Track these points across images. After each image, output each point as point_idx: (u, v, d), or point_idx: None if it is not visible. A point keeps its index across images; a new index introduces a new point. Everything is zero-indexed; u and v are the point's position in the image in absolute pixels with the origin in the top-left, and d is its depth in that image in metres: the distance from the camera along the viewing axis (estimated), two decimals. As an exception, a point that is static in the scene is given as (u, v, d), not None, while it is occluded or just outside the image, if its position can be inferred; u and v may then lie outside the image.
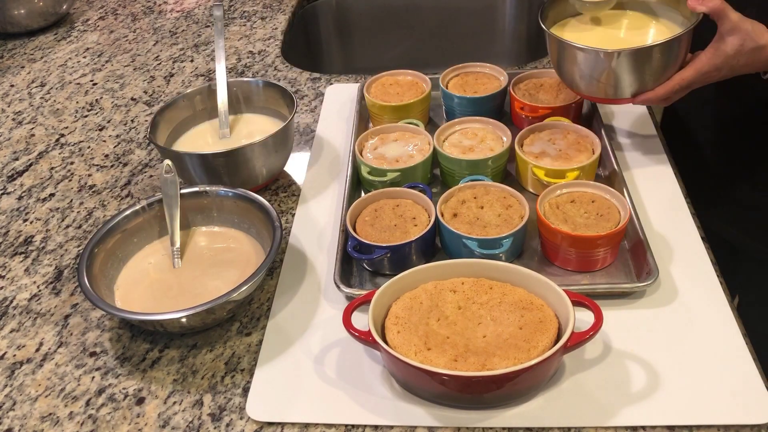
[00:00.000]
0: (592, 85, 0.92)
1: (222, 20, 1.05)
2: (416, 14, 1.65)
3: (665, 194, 0.93)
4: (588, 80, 0.91)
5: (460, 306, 0.73)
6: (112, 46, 1.45)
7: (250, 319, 0.81)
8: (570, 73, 0.93)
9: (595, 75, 0.90)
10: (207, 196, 0.89)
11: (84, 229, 0.97)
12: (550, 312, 0.71)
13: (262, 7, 1.56)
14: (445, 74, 1.11)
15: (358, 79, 1.24)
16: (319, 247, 0.90)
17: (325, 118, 1.14)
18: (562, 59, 0.93)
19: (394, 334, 0.70)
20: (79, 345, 0.80)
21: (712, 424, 0.66)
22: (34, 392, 0.75)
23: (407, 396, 0.71)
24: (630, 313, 0.77)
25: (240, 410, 0.71)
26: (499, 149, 0.94)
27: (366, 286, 0.83)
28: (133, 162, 1.10)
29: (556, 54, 0.95)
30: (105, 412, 0.72)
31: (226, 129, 1.03)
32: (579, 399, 0.69)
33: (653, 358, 0.72)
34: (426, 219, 0.85)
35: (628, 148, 1.02)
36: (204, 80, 1.30)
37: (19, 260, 0.93)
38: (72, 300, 0.86)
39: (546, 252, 0.85)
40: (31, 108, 1.26)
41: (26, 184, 1.07)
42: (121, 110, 1.23)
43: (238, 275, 0.81)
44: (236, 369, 0.75)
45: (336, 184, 1.00)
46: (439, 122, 1.10)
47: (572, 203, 0.85)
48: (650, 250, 0.80)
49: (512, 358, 0.66)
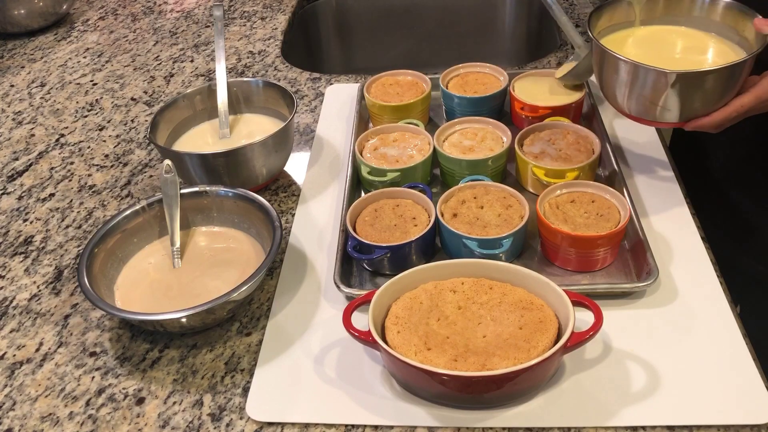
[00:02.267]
0: (643, 107, 0.84)
1: (222, 20, 1.05)
2: (416, 14, 1.65)
3: (665, 194, 0.93)
4: (639, 101, 0.84)
5: (460, 306, 0.73)
6: (112, 46, 1.45)
7: (250, 319, 0.81)
8: (617, 90, 0.85)
9: (650, 97, 0.82)
10: (207, 196, 0.89)
11: (84, 229, 0.97)
12: (550, 312, 0.71)
13: (262, 7, 1.56)
14: (445, 74, 1.11)
15: (358, 79, 1.24)
16: (319, 247, 0.90)
17: (325, 118, 1.14)
18: (609, 74, 0.85)
19: (394, 334, 0.70)
20: (79, 345, 0.80)
21: (712, 424, 0.66)
22: (34, 392, 0.75)
23: (407, 396, 0.71)
24: (630, 313, 0.77)
25: (240, 410, 0.71)
26: (499, 149, 0.94)
27: (366, 286, 0.83)
28: (133, 162, 1.10)
29: (601, 67, 0.87)
30: (105, 412, 0.72)
31: (226, 129, 1.03)
32: (579, 399, 0.69)
33: (653, 358, 0.72)
34: (426, 219, 0.85)
35: (628, 148, 1.02)
36: (204, 80, 1.30)
37: (19, 260, 0.93)
38: (72, 300, 0.86)
39: (546, 252, 0.85)
40: (31, 108, 1.26)
41: (26, 184, 1.07)
42: (121, 110, 1.23)
43: (238, 275, 0.81)
44: (236, 369, 0.75)
45: (336, 184, 1.00)
46: (439, 122, 1.10)
47: (572, 203, 0.85)
48: (650, 250, 0.80)
49: (512, 358, 0.66)
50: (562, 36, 1.32)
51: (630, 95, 0.84)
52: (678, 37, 0.91)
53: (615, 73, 0.84)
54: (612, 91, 0.87)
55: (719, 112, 0.81)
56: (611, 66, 0.84)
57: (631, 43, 0.91)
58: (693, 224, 0.88)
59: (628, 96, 0.85)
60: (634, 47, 0.90)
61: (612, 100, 0.88)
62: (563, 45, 1.29)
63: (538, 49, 1.55)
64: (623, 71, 0.83)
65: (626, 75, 0.83)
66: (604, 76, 0.87)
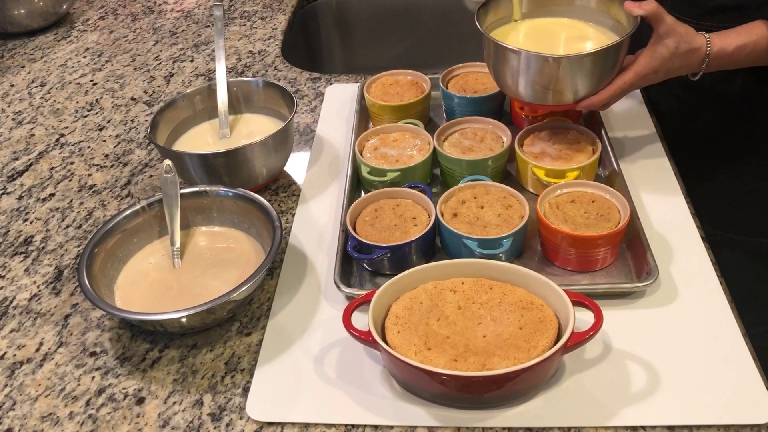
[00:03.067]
0: (536, 92, 0.90)
1: (222, 20, 1.05)
2: (416, 14, 1.65)
3: (665, 194, 0.93)
4: (532, 87, 0.89)
5: (460, 306, 0.73)
6: (112, 46, 1.46)
7: (250, 319, 0.81)
8: (511, 79, 0.91)
9: (541, 81, 0.88)
10: (207, 196, 0.89)
11: (84, 229, 0.97)
12: (550, 312, 0.71)
13: (262, 7, 1.56)
14: (445, 74, 1.11)
15: (358, 79, 1.24)
16: (319, 247, 0.90)
17: (325, 118, 1.14)
18: (503, 65, 0.91)
19: (394, 334, 0.70)
20: (79, 345, 0.80)
21: (712, 424, 0.66)
22: (34, 392, 0.75)
23: (407, 396, 0.71)
24: (630, 313, 0.77)
25: (240, 410, 0.71)
26: (499, 149, 0.94)
27: (366, 286, 0.83)
28: (133, 162, 1.10)
29: (495, 59, 0.92)
30: (105, 412, 0.72)
31: (226, 129, 1.03)
32: (579, 399, 0.69)
33: (653, 358, 0.72)
34: (426, 219, 0.85)
35: (628, 148, 1.01)
36: (204, 80, 1.30)
37: (19, 260, 0.93)
38: (72, 300, 0.86)
39: (546, 252, 0.85)
40: (31, 108, 1.26)
41: (26, 184, 1.07)
42: (121, 110, 1.23)
43: (238, 275, 0.81)
44: (236, 369, 0.75)
45: (336, 184, 1.00)
46: (439, 122, 1.10)
47: (572, 203, 0.85)
48: (650, 250, 0.80)
49: (512, 358, 0.66)
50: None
51: (524, 83, 0.90)
52: (560, 27, 0.98)
53: (508, 64, 0.90)
54: (506, 81, 0.93)
55: (605, 91, 0.88)
56: (504, 57, 0.90)
57: (517, 36, 0.97)
58: (693, 224, 0.88)
59: (522, 84, 0.90)
60: (521, 39, 0.97)
61: (507, 89, 0.94)
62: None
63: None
64: (515, 61, 0.89)
65: (518, 64, 0.88)
66: (499, 67, 0.92)
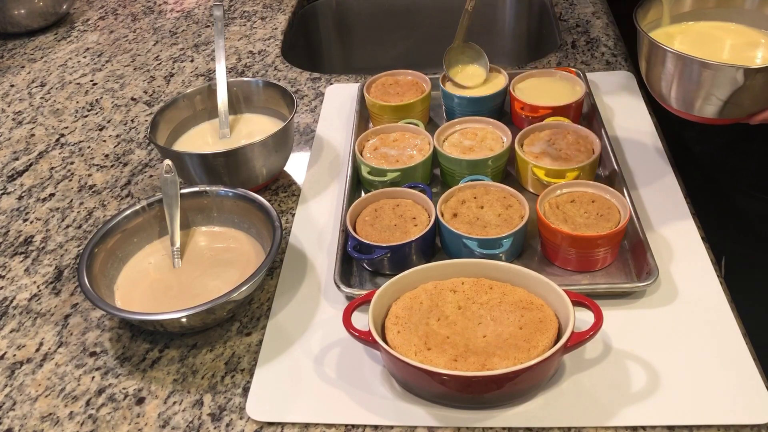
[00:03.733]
0: (711, 104, 0.80)
1: (222, 20, 1.05)
2: (416, 14, 1.65)
3: (665, 194, 0.93)
4: (707, 99, 0.79)
5: (460, 306, 0.73)
6: (112, 46, 1.46)
7: (250, 319, 0.81)
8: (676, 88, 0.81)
9: (721, 94, 0.78)
10: (207, 196, 0.89)
11: (84, 229, 0.97)
12: (550, 312, 0.71)
13: (262, 7, 1.56)
14: (445, 74, 1.11)
15: (358, 79, 1.24)
16: (319, 247, 0.90)
17: (325, 118, 1.14)
18: (665, 72, 0.81)
19: (394, 334, 0.70)
20: (79, 345, 0.80)
21: (712, 424, 0.66)
22: (34, 392, 0.75)
23: (407, 396, 0.71)
24: (630, 313, 0.77)
25: (240, 410, 0.71)
26: (499, 149, 0.94)
27: (366, 286, 0.83)
28: (133, 162, 1.10)
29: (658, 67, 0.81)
30: (105, 412, 0.72)
31: (226, 129, 1.03)
32: (579, 399, 0.69)
33: (653, 358, 0.72)
34: (426, 219, 0.85)
35: (628, 148, 1.01)
36: (204, 80, 1.30)
37: (19, 260, 0.93)
38: (72, 300, 0.86)
39: (546, 252, 0.85)
40: (31, 108, 1.26)
41: (26, 184, 1.07)
42: (121, 110, 1.23)
43: (238, 275, 0.81)
44: (236, 369, 0.75)
45: (336, 184, 1.00)
46: (439, 122, 1.10)
47: (572, 203, 0.85)
48: (650, 250, 0.80)
49: (512, 358, 0.66)
50: (562, 36, 1.32)
51: (701, 95, 0.80)
52: (725, 33, 0.88)
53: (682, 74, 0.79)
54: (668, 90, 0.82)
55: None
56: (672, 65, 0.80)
57: (678, 41, 0.87)
58: (693, 224, 0.88)
59: (702, 97, 0.80)
60: (677, 44, 0.86)
61: (667, 98, 0.83)
62: (563, 45, 1.29)
63: (538, 49, 1.55)
64: (693, 71, 0.78)
65: (698, 75, 0.78)
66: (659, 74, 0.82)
